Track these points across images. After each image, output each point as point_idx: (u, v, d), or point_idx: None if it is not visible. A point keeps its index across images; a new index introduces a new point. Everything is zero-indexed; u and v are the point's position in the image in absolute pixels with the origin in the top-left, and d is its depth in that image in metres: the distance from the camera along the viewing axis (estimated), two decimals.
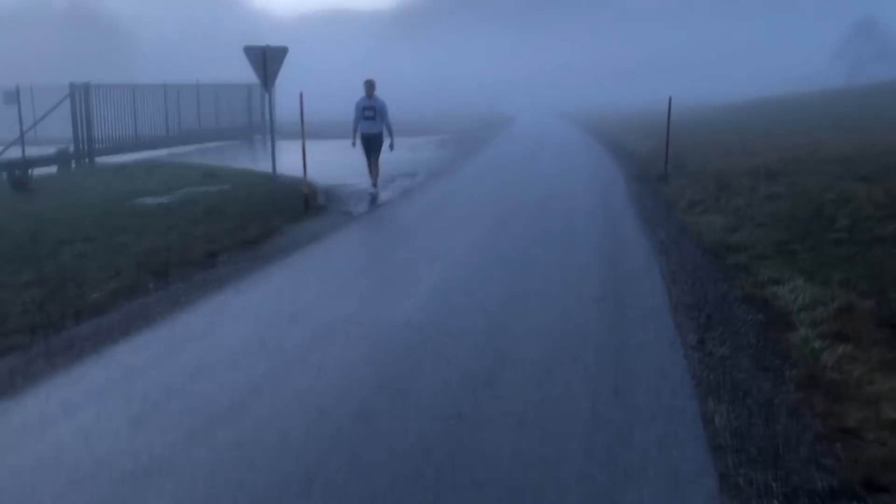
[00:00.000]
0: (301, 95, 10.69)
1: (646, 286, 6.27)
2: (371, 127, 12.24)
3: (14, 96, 18.87)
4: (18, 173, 15.15)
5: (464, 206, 10.85)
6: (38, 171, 17.51)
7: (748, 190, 10.87)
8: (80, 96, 20.06)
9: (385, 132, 12.35)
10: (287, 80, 14.96)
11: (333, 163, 16.94)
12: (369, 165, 12.51)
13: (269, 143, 13.55)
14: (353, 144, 12.43)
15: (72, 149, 20.09)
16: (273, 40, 13.52)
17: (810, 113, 27.32)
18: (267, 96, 13.55)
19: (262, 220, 10.02)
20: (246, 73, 14.85)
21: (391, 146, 12.46)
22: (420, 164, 17.90)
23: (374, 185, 12.45)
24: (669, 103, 13.70)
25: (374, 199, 11.88)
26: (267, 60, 13.00)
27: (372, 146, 12.40)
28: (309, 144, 11.31)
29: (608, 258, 7.40)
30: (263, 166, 15.32)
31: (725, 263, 7.09)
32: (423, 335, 5.09)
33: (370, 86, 12.20)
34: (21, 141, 18.27)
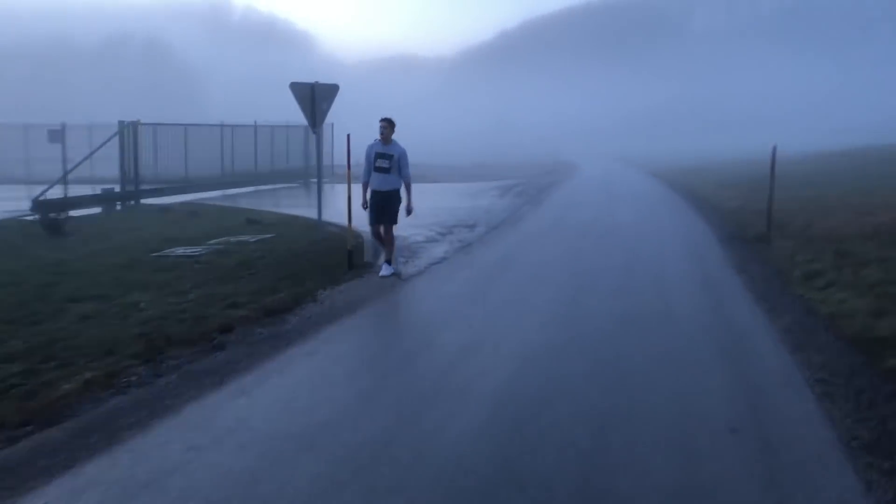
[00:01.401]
0: (348, 137, 9.32)
1: (794, 405, 4.52)
2: (385, 182, 8.98)
3: (59, 135, 18.19)
4: (53, 215, 14.19)
5: (531, 271, 9.20)
6: (81, 212, 16.67)
7: (878, 259, 8.97)
8: (129, 134, 19.31)
9: (402, 189, 9.26)
10: (348, 125, 13.71)
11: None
12: (377, 235, 9.26)
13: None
14: (364, 206, 9.20)
15: (118, 188, 19.28)
16: (341, 84, 12.28)
17: None
18: (315, 137, 12.26)
19: (296, 280, 8.59)
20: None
21: (408, 210, 9.18)
22: (480, 213, 16.40)
23: (389, 260, 9.15)
24: (773, 152, 11.90)
25: (394, 274, 9.05)
26: (315, 98, 11.74)
27: (385, 208, 9.05)
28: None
29: (727, 356, 5.65)
30: (312, 212, 14.03)
31: (886, 366, 5.30)
32: (484, 486, 3.48)
33: (387, 127, 9.02)
34: (63, 181, 17.47)
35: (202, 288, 8.44)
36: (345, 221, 13.66)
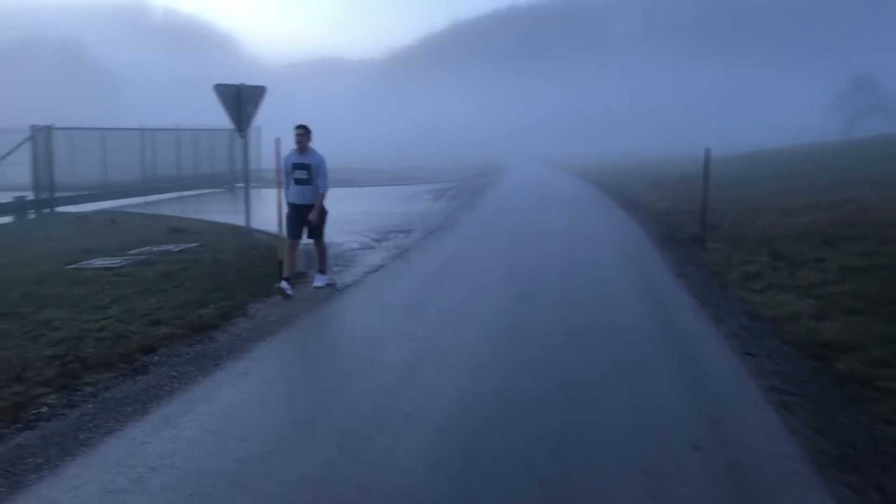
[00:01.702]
0: (277, 142, 8.88)
1: (753, 417, 4.37)
2: (304, 195, 8.45)
3: None
4: None
5: (470, 280, 8.94)
6: None
7: (813, 260, 9.06)
8: (43, 140, 18.25)
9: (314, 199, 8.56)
10: (275, 129, 13.18)
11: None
12: (292, 249, 8.52)
13: (246, 194, 11.70)
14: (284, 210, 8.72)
15: (31, 196, 18.20)
16: (267, 87, 11.74)
17: (826, 166, 25.83)
18: (242, 142, 11.73)
19: (225, 293, 8.11)
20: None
21: (308, 220, 8.53)
22: (415, 217, 16.10)
23: (322, 270, 8.82)
24: (707, 155, 11.98)
25: (329, 285, 8.68)
26: (241, 100, 11.23)
27: (303, 218, 8.53)
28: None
29: (678, 366, 5.49)
30: (240, 219, 13.46)
31: (836, 371, 5.25)
32: None
33: (303, 135, 8.36)
34: None
35: (122, 303, 7.88)
36: (274, 229, 13.21)
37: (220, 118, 13.68)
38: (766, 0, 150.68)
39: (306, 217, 8.46)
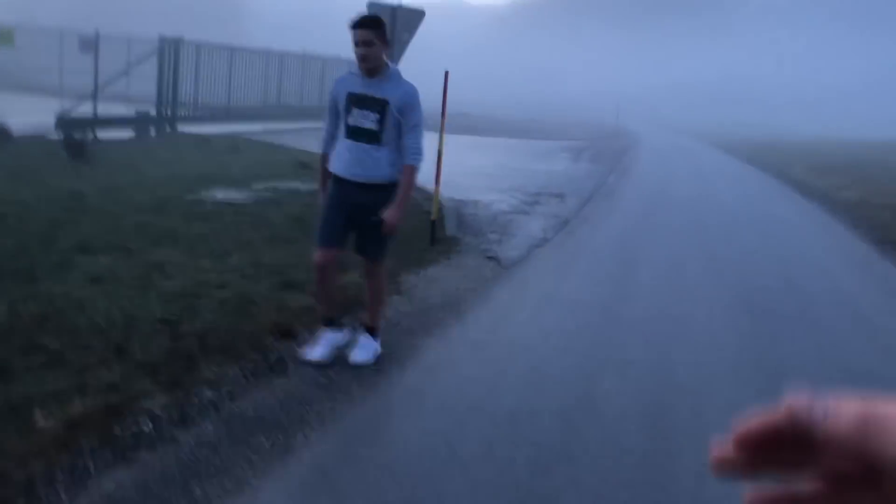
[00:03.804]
0: (447, 75, 7.26)
1: None
2: (362, 161, 4.03)
3: (91, 44, 16.16)
4: (77, 136, 12.32)
5: (664, 270, 7.12)
6: (112, 135, 14.80)
7: None
8: (170, 53, 17.28)
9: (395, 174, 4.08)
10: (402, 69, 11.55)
11: (453, 165, 13.47)
12: (324, 269, 4.17)
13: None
14: (322, 189, 4.31)
15: (153, 112, 17.35)
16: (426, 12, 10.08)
17: None
18: None
19: None
20: None
21: (390, 226, 4.06)
22: (561, 179, 14.26)
23: (372, 329, 4.33)
24: None
25: (373, 356, 4.24)
26: (397, 24, 9.61)
27: (361, 218, 4.12)
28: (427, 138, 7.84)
29: None
30: None
31: None
32: None
33: (371, 41, 3.87)
34: (94, 97, 15.53)
35: (246, 251, 6.55)
36: (420, 180, 11.73)
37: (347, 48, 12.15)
38: None
39: (363, 208, 4.02)
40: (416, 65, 6.86)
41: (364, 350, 4.22)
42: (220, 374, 3.84)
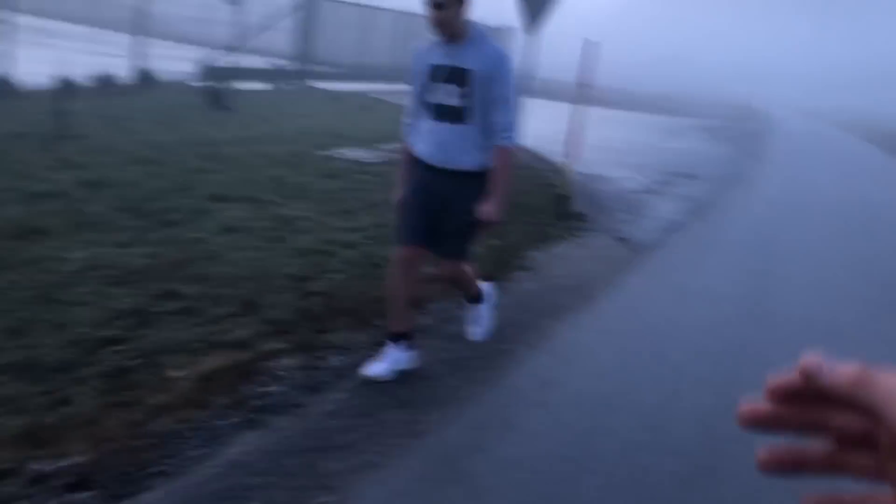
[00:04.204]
0: (587, 45, 6.91)
1: None
2: (446, 144, 3.37)
3: None
4: (217, 85, 12.71)
5: (815, 272, 6.58)
6: (248, 86, 15.23)
7: None
8: (308, 9, 17.53)
9: (485, 159, 3.36)
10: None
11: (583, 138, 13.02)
12: (408, 268, 3.49)
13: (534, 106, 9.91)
14: (401, 183, 3.57)
15: (289, 66, 17.72)
16: None
17: None
18: (529, 41, 9.81)
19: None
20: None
21: (486, 220, 3.37)
22: (693, 159, 13.58)
23: (471, 292, 3.93)
24: None
25: (489, 322, 4.05)
26: None
27: (444, 212, 3.45)
28: (553, 107, 7.50)
29: None
30: None
31: None
32: None
33: (448, 3, 3.15)
34: (234, 48, 15.99)
35: (373, 213, 6.51)
36: (544, 150, 11.43)
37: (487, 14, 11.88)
38: None
39: (447, 199, 3.42)
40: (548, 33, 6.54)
41: (480, 322, 3.97)
42: (348, 339, 3.78)
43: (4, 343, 3.46)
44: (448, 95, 3.29)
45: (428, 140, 3.41)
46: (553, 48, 9.06)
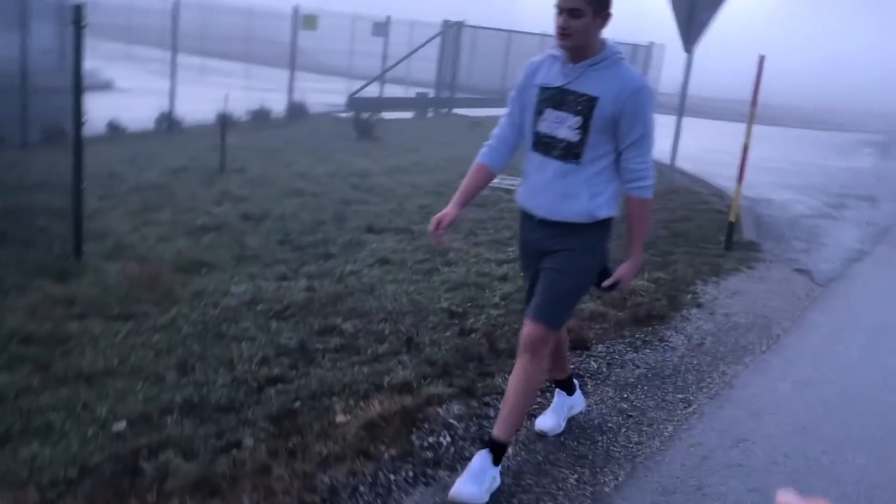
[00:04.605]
0: (762, 60, 6.40)
1: None
2: (553, 185, 2.70)
3: (384, 28, 17.01)
4: (365, 116, 13.00)
5: None
6: (393, 115, 15.52)
7: None
8: (452, 35, 17.70)
9: (595, 209, 2.69)
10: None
11: (733, 157, 12.18)
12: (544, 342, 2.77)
13: (673, 124, 9.44)
14: (455, 203, 2.86)
15: (432, 94, 17.94)
16: None
17: None
18: (686, 58, 9.33)
19: (655, 256, 6.05)
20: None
21: (625, 276, 2.76)
22: (868, 179, 12.45)
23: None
24: None
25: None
26: (696, 3, 8.81)
27: (535, 257, 2.85)
28: (702, 125, 6.95)
29: None
30: (657, 154, 11.30)
31: None
32: None
33: (579, 6, 2.53)
34: (381, 79, 16.36)
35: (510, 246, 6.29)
36: (698, 170, 10.82)
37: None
38: None
39: (546, 253, 2.77)
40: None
41: (556, 415, 3.18)
42: (495, 384, 3.55)
43: (176, 379, 3.49)
44: (560, 125, 2.62)
45: (529, 180, 2.75)
46: (698, 63, 8.61)
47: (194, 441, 2.90)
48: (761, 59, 6.37)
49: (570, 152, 2.62)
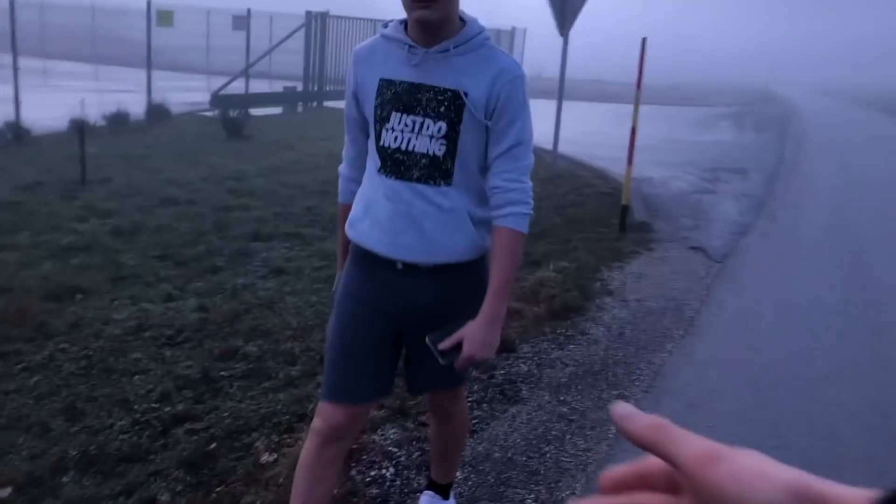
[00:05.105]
0: (644, 43, 6.46)
1: None
2: (420, 218, 1.90)
3: (244, 22, 16.25)
4: (233, 114, 12.32)
5: None
6: (261, 111, 14.84)
7: None
8: (316, 28, 17.16)
9: (479, 242, 1.97)
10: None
11: (603, 136, 12.50)
12: (319, 445, 1.97)
13: (553, 108, 9.46)
14: (340, 269, 2.14)
15: (300, 88, 17.34)
16: None
17: None
18: (563, 43, 9.36)
19: (555, 243, 5.98)
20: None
21: (474, 340, 1.82)
22: (734, 150, 13.06)
23: (443, 478, 2.41)
24: None
25: None
26: None
27: (413, 320, 1.97)
28: (573, 108, 7.02)
29: None
30: (539, 138, 11.33)
31: None
32: None
33: None
34: (245, 75, 15.62)
35: None
36: (581, 156, 10.95)
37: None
38: None
39: (422, 311, 1.96)
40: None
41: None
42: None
43: (65, 428, 3.03)
44: (417, 135, 1.88)
45: (380, 214, 1.92)
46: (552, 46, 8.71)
47: (99, 503, 2.49)
48: (643, 42, 6.43)
49: (437, 170, 1.88)
